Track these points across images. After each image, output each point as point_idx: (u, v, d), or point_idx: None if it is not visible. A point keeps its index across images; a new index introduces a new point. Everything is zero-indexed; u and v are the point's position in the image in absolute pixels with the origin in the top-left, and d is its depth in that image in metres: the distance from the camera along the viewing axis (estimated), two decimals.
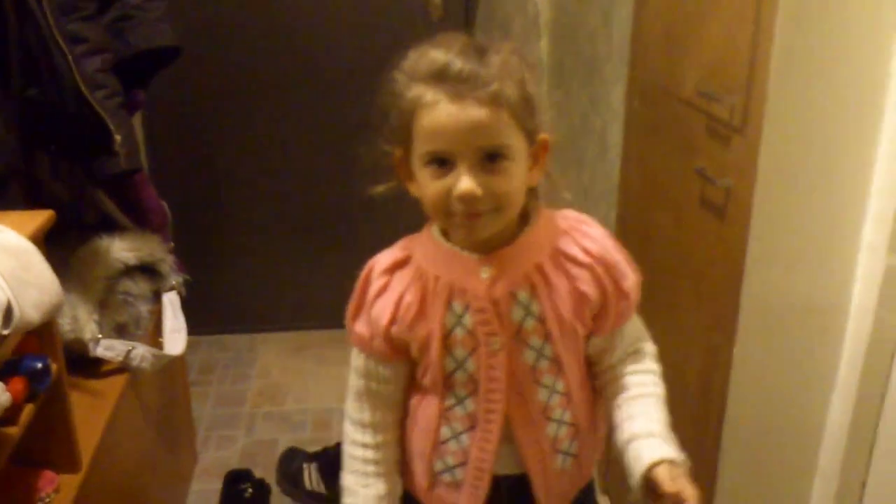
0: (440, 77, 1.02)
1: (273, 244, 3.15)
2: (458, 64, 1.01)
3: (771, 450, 1.61)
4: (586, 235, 1.15)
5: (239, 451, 2.54)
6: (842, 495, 1.58)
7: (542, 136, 1.10)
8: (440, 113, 1.02)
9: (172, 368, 2.19)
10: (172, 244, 2.08)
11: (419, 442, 1.22)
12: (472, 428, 1.18)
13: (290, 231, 3.13)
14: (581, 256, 1.13)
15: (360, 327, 1.19)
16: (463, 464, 1.20)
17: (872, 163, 1.42)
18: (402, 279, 1.15)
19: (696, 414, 1.70)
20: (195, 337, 2.58)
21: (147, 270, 1.95)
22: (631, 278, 1.17)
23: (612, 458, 1.35)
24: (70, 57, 1.54)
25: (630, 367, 1.22)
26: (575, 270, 1.13)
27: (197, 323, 2.27)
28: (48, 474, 1.44)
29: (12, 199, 1.54)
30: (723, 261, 1.55)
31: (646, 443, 1.12)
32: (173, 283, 2.01)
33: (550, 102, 1.07)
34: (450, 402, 1.18)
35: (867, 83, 1.39)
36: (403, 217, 3.37)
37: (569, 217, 1.18)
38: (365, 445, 1.24)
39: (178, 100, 2.89)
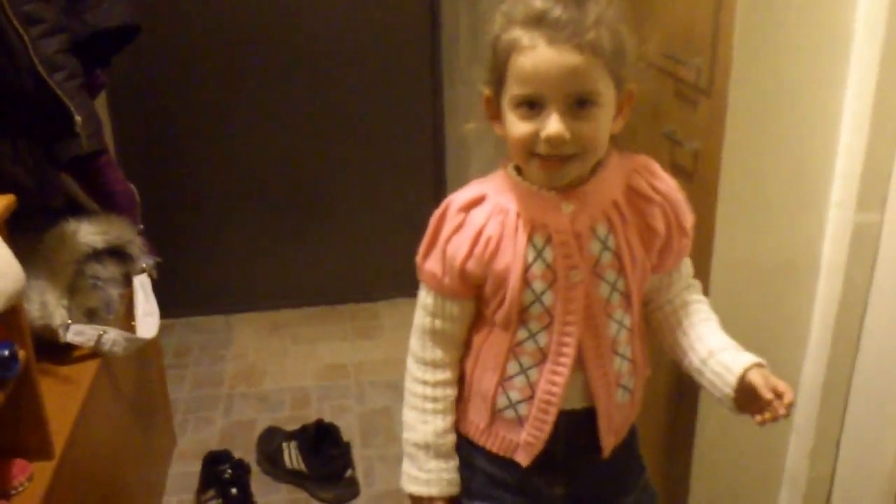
0: (538, 22, 1.05)
1: (246, 223, 3.12)
2: (557, 10, 1.05)
3: None
4: (655, 175, 1.21)
5: (217, 432, 2.53)
6: (817, 452, 1.59)
7: (630, 86, 1.14)
8: (537, 56, 1.05)
9: (147, 352, 2.17)
10: (142, 226, 2.05)
11: (483, 379, 1.25)
12: (541, 362, 1.20)
13: (262, 210, 3.11)
14: (651, 193, 1.18)
15: (432, 265, 1.22)
16: (528, 399, 1.22)
17: (839, 120, 1.43)
18: (479, 215, 1.18)
19: (670, 377, 1.70)
20: (169, 320, 2.57)
21: (116, 254, 1.93)
22: (690, 218, 1.23)
23: None
24: (27, 38, 1.51)
25: (688, 298, 1.28)
26: (646, 207, 1.18)
27: (171, 305, 2.26)
28: (20, 463, 1.43)
29: None
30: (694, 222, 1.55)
31: (728, 354, 1.20)
32: (144, 265, 1.98)
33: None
34: (521, 335, 1.20)
35: (831, 41, 1.39)
36: (380, 196, 3.36)
37: (637, 159, 1.23)
38: (425, 383, 1.27)
39: (144, 79, 2.85)
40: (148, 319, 1.93)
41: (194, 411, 2.63)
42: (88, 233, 1.82)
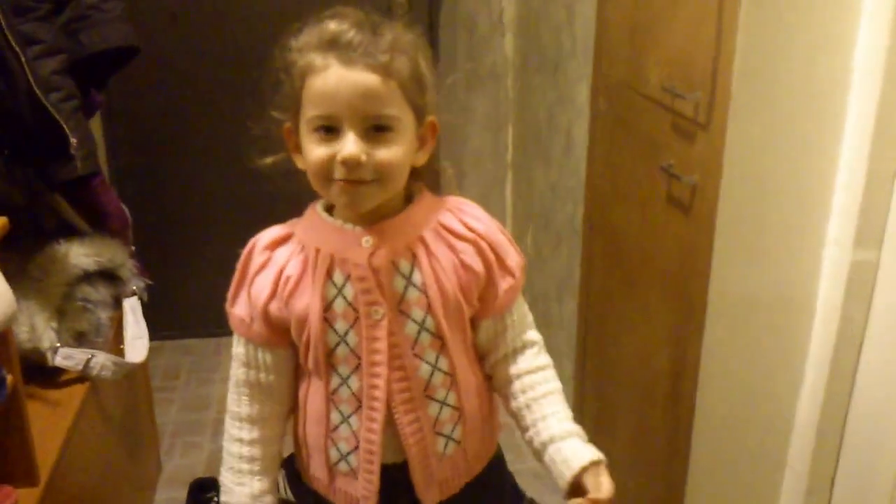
0: (332, 44, 1.05)
1: (235, 247, 3.09)
2: (350, 33, 1.04)
3: (741, 444, 1.61)
4: (470, 215, 1.16)
5: (205, 458, 2.50)
6: (812, 490, 1.58)
7: (431, 118, 1.12)
8: (330, 76, 1.04)
9: (135, 375, 2.14)
10: (133, 248, 2.04)
11: (312, 433, 1.20)
12: (359, 409, 1.15)
13: (251, 232, 3.08)
14: (464, 231, 1.14)
15: (240, 309, 1.18)
16: (355, 449, 1.17)
17: (837, 157, 1.43)
18: (282, 254, 1.15)
19: (666, 409, 1.69)
20: (158, 342, 2.54)
21: (107, 276, 1.91)
22: (515, 257, 1.18)
23: None
24: (24, 58, 1.50)
25: (528, 363, 1.21)
26: (458, 244, 1.14)
27: (160, 327, 2.24)
28: (5, 489, 1.40)
29: None
30: (690, 257, 1.55)
31: (568, 445, 1.14)
32: (134, 288, 1.96)
33: (514, 94, 1.11)
34: (335, 383, 1.15)
35: (831, 78, 1.39)
36: None
37: (453, 200, 1.19)
38: (241, 441, 1.21)
39: (139, 101, 2.84)
40: (137, 343, 1.91)
41: (182, 435, 2.59)
42: (80, 255, 1.80)
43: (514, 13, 2.84)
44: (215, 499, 2.18)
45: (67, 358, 1.68)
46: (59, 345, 1.68)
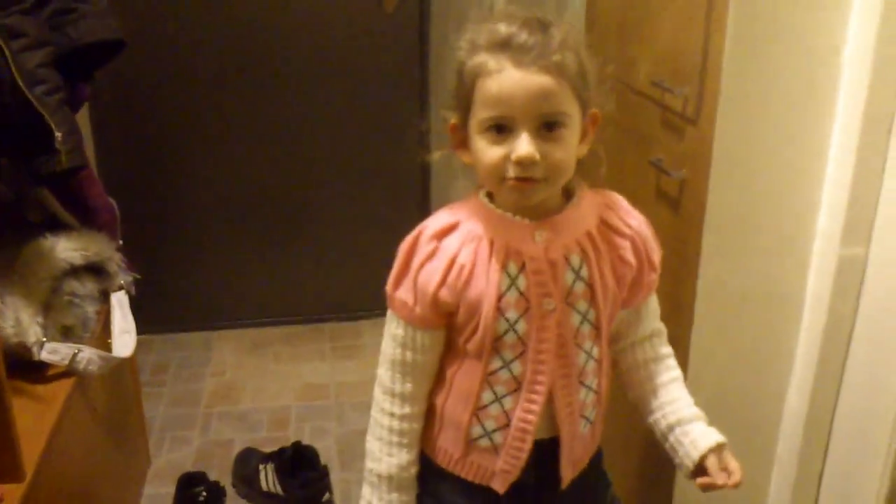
0: (504, 46, 1.07)
1: (227, 240, 3.09)
2: (522, 35, 1.07)
3: (729, 438, 1.59)
4: (627, 211, 1.23)
5: (193, 452, 2.49)
6: (799, 484, 1.58)
7: (593, 109, 1.16)
8: (504, 79, 1.06)
9: (123, 370, 2.14)
10: (121, 242, 2.02)
11: (456, 409, 1.24)
12: (516, 391, 1.20)
13: (244, 227, 3.08)
14: (623, 228, 1.21)
15: (403, 294, 1.20)
16: (504, 427, 1.22)
17: (826, 152, 1.43)
18: (452, 243, 1.17)
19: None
20: (148, 336, 2.54)
21: (94, 270, 1.89)
22: (658, 253, 1.26)
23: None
24: (7, 51, 1.49)
25: (656, 351, 1.31)
26: (618, 240, 1.20)
27: (150, 321, 2.23)
28: None
29: None
30: (678, 252, 1.54)
31: (696, 429, 1.26)
32: (122, 282, 1.95)
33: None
34: (495, 365, 1.20)
35: (819, 72, 1.39)
36: (363, 213, 3.36)
37: (608, 195, 1.26)
38: (392, 415, 1.26)
39: (127, 94, 2.83)
40: (125, 337, 1.90)
41: (170, 430, 2.59)
42: (66, 249, 1.79)
43: (503, 8, 2.82)
44: (204, 493, 2.18)
45: (53, 352, 1.67)
46: (45, 339, 1.67)
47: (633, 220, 1.22)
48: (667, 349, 1.33)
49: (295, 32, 2.87)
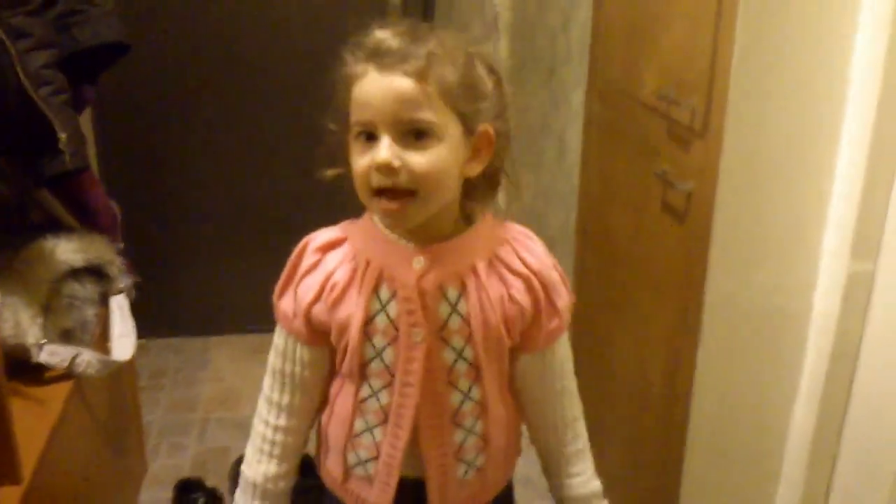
0: (373, 53, 1.04)
1: (226, 245, 3.08)
2: (391, 41, 1.04)
3: (735, 454, 1.60)
4: (528, 249, 1.15)
5: (190, 458, 2.47)
6: (806, 501, 1.57)
7: (483, 127, 1.08)
8: (367, 83, 1.04)
9: (121, 373, 2.12)
10: (122, 245, 2.01)
11: (335, 432, 1.21)
12: (384, 422, 1.16)
13: (243, 231, 3.07)
14: (518, 266, 1.13)
15: (286, 304, 1.17)
16: (375, 458, 1.18)
17: (833, 166, 1.42)
18: (334, 259, 1.14)
19: (661, 417, 1.68)
20: (146, 340, 2.52)
21: (94, 272, 1.88)
22: (565, 298, 1.17)
23: None
24: (13, 52, 1.48)
25: (564, 414, 1.23)
26: (510, 278, 1.12)
27: (147, 326, 2.21)
28: None
29: None
30: (685, 265, 1.54)
31: None
32: (122, 285, 1.94)
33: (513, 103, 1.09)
34: (365, 393, 1.16)
35: (828, 86, 1.38)
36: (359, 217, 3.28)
37: (513, 229, 1.17)
38: (267, 423, 1.22)
39: (129, 97, 2.82)
40: (124, 341, 1.89)
41: (168, 436, 2.57)
42: (67, 251, 1.78)
43: (509, 18, 2.83)
44: (201, 500, 2.17)
45: (53, 354, 1.66)
46: (44, 341, 1.66)
47: (533, 258, 1.14)
48: (576, 410, 1.25)
49: (298, 41, 2.86)
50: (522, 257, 1.13)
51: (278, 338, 1.20)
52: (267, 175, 3.01)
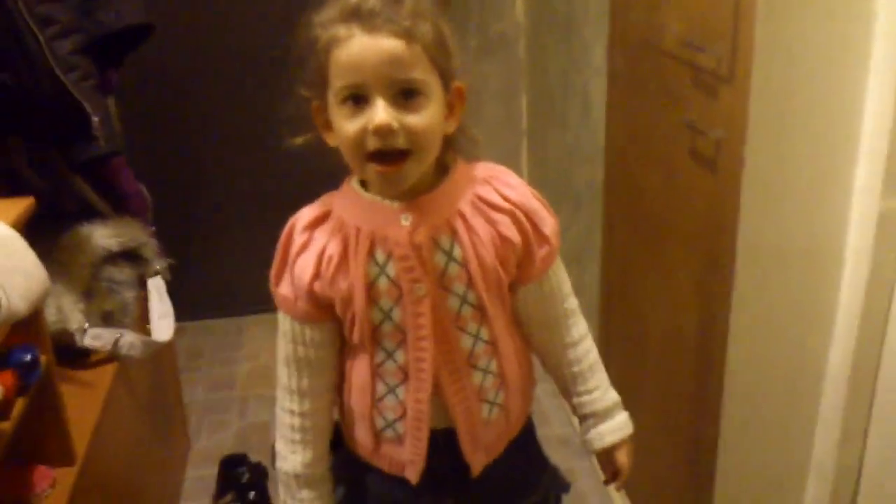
0: (354, 14, 1.04)
1: (255, 224, 3.09)
2: (371, 2, 1.04)
3: (773, 398, 1.60)
4: (505, 184, 1.17)
5: (233, 435, 2.51)
6: (844, 442, 1.57)
7: (457, 83, 1.12)
8: (354, 45, 1.03)
9: (161, 354, 2.15)
10: (154, 228, 2.04)
11: (357, 402, 1.22)
12: (405, 380, 1.18)
13: (273, 210, 3.07)
14: (500, 202, 1.15)
15: (284, 289, 1.19)
16: (402, 417, 1.20)
17: (863, 103, 1.41)
18: (323, 233, 1.15)
19: (695, 368, 1.69)
20: (180, 323, 2.55)
21: (130, 256, 1.91)
22: (550, 223, 1.19)
23: None
24: (42, 39, 1.50)
25: (569, 335, 1.27)
26: (495, 216, 1.14)
27: (181, 308, 2.24)
28: (43, 470, 1.41)
29: None
30: (715, 213, 1.53)
31: (606, 425, 1.29)
32: (157, 267, 1.97)
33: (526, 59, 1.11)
34: (380, 357, 1.18)
35: (855, 22, 1.36)
36: None
37: (486, 167, 1.19)
38: (292, 412, 1.24)
39: (154, 79, 2.83)
40: (163, 322, 1.92)
41: (209, 414, 2.61)
42: (102, 236, 1.81)
43: None
44: (245, 474, 2.20)
45: (96, 338, 1.69)
46: (87, 325, 1.69)
47: (513, 192, 1.16)
48: (581, 328, 1.28)
49: None
50: (503, 193, 1.16)
51: (283, 324, 1.21)
52: (296, 154, 3.01)
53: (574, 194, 2.45)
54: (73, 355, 1.71)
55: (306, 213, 1.19)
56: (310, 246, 1.15)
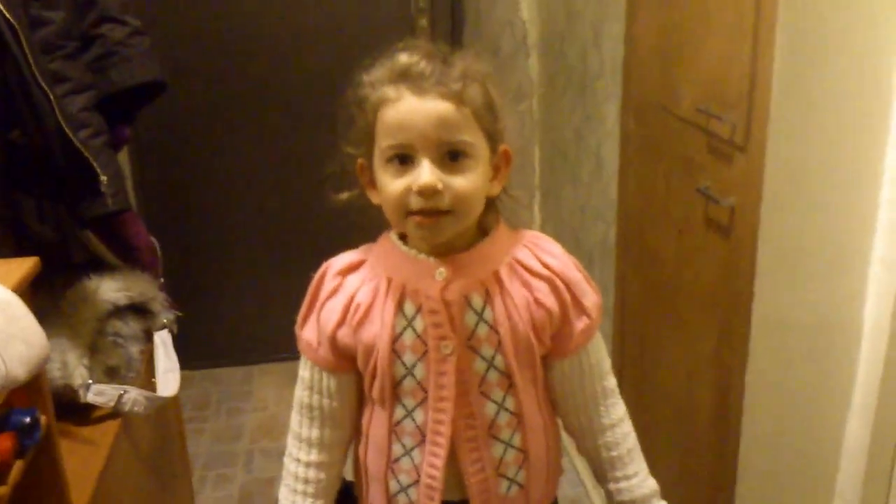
0: (404, 76, 1.05)
1: (264, 274, 3.09)
2: (421, 64, 1.05)
3: (789, 472, 1.57)
4: (547, 251, 1.15)
5: (237, 489, 2.48)
6: None
7: (504, 146, 1.12)
8: (403, 106, 1.04)
9: (166, 408, 2.13)
10: (162, 280, 2.02)
11: (373, 461, 1.19)
12: (422, 442, 1.14)
13: (281, 260, 3.08)
14: (539, 268, 1.12)
15: (308, 333, 1.17)
16: (417, 482, 1.16)
17: (880, 174, 1.39)
18: (354, 280, 1.14)
19: (711, 437, 1.66)
20: (187, 372, 2.53)
21: (138, 309, 1.89)
22: (592, 297, 1.16)
23: None
24: (52, 97, 1.50)
25: (608, 416, 1.20)
26: (533, 281, 1.12)
27: (189, 357, 2.22)
28: None
29: None
30: (731, 281, 1.51)
31: None
32: (165, 321, 1.95)
33: (531, 119, 1.11)
34: (399, 414, 1.15)
35: (871, 93, 1.35)
36: None
37: (530, 234, 1.18)
38: (298, 461, 1.21)
39: (166, 133, 2.85)
40: (169, 376, 1.89)
41: (213, 467, 2.58)
42: (110, 289, 1.79)
43: (537, 35, 2.82)
44: None
45: (100, 394, 1.67)
46: (90, 381, 1.67)
47: (554, 260, 1.13)
48: (620, 410, 1.21)
49: (331, 71, 2.87)
50: (542, 259, 1.13)
51: (303, 370, 1.20)
52: (301, 202, 3.02)
53: (587, 251, 2.43)
54: (75, 410, 1.68)
55: (341, 259, 1.18)
56: (339, 292, 1.14)
